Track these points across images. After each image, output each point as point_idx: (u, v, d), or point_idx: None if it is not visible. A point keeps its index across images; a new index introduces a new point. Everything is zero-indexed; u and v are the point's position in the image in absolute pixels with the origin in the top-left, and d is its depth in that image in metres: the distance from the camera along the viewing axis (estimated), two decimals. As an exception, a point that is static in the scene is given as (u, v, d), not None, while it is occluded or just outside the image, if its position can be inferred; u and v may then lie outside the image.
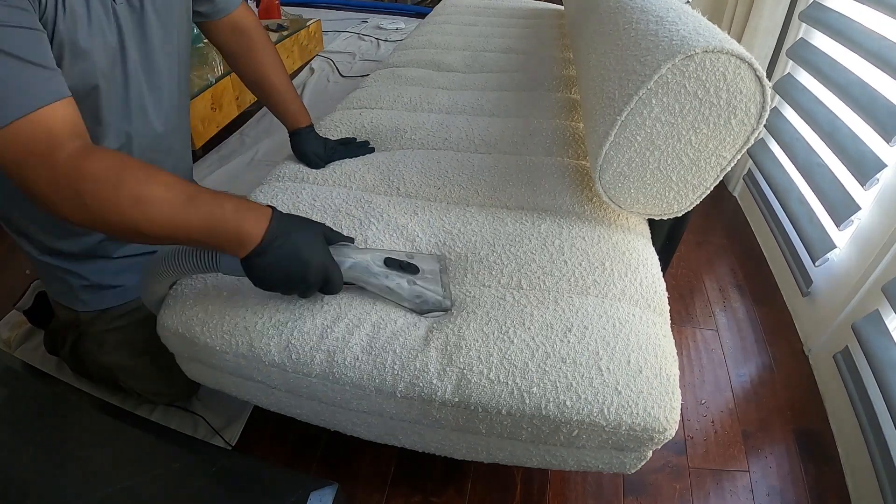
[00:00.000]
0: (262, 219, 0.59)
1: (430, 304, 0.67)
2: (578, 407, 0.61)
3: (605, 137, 0.75)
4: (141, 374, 0.94)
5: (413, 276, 0.68)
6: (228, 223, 0.57)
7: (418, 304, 0.67)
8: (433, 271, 0.70)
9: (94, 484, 0.52)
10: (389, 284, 0.67)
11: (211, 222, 0.57)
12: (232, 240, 0.58)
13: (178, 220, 0.55)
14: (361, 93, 1.32)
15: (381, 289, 0.67)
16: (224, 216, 0.57)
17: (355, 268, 0.66)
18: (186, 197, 0.56)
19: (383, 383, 0.65)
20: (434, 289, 0.68)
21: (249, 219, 0.59)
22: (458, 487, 0.93)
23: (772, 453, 1.02)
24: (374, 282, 0.66)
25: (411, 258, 0.71)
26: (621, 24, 0.88)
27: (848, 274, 1.11)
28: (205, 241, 0.58)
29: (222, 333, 0.70)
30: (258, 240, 0.59)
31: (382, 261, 0.68)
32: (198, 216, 0.56)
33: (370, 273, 0.66)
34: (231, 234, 0.58)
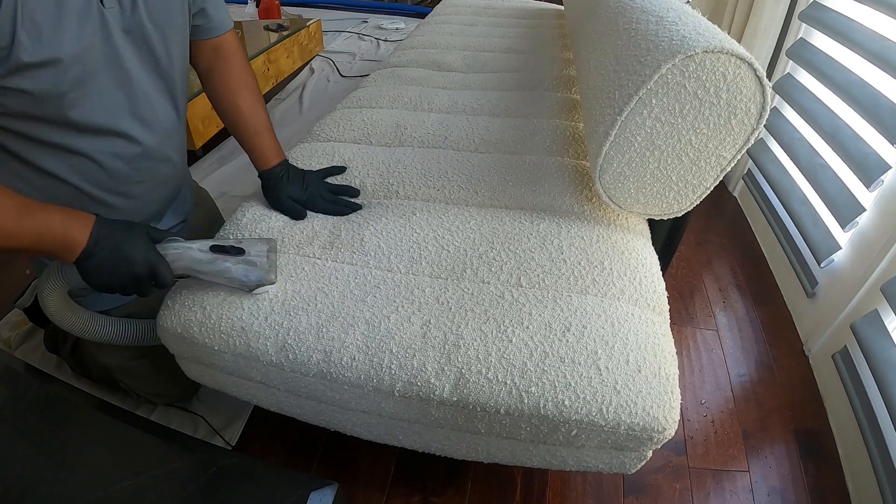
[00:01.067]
0: (87, 225, 0.63)
1: (254, 279, 0.69)
2: (577, 406, 0.61)
3: (605, 137, 0.75)
4: (141, 374, 0.94)
5: (238, 258, 0.70)
6: (56, 231, 0.62)
7: (244, 282, 0.69)
8: (260, 251, 0.73)
9: (94, 484, 0.52)
10: (217, 268, 0.69)
11: (41, 232, 0.61)
12: (60, 246, 0.62)
13: (12, 230, 0.59)
14: (361, 93, 1.32)
15: (209, 275, 0.69)
16: (52, 225, 0.61)
17: (181, 258, 0.68)
18: (17, 209, 0.60)
19: (381, 383, 0.65)
20: (260, 264, 0.71)
21: (75, 226, 0.63)
22: (458, 487, 0.93)
23: (772, 453, 1.02)
24: (202, 269, 0.69)
25: (240, 243, 0.73)
26: (621, 24, 0.88)
27: (848, 274, 1.11)
28: (36, 248, 0.62)
29: (220, 334, 0.70)
30: (83, 243, 0.63)
31: (209, 248, 0.70)
32: (29, 226, 0.60)
33: (196, 261, 0.69)
34: (59, 241, 0.62)
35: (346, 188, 0.93)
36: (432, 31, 1.83)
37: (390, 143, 1.09)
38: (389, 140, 1.10)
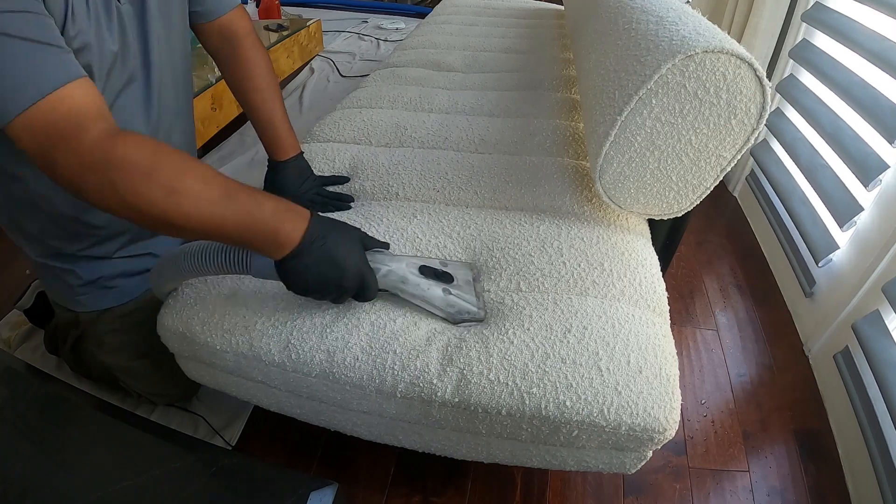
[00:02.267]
0: (301, 220, 0.58)
1: (463, 314, 0.66)
2: (578, 407, 0.61)
3: (605, 137, 0.75)
4: (141, 374, 0.94)
5: (447, 286, 0.67)
6: (267, 223, 0.56)
7: (452, 313, 0.66)
8: (467, 280, 0.69)
9: (94, 484, 0.52)
10: (424, 294, 0.65)
11: (248, 221, 0.55)
12: (269, 240, 0.57)
13: (214, 216, 0.53)
14: (361, 93, 1.32)
15: (415, 297, 0.66)
16: (262, 215, 0.55)
17: (391, 275, 0.64)
18: (223, 192, 0.54)
19: (383, 384, 0.65)
20: (468, 298, 0.67)
21: (288, 220, 0.57)
22: (458, 487, 0.93)
23: (772, 453, 1.02)
24: (408, 290, 0.65)
25: (445, 266, 0.69)
26: (621, 24, 0.88)
27: (848, 274, 1.11)
28: (239, 239, 0.57)
29: (222, 332, 0.70)
30: (296, 242, 0.57)
31: (417, 268, 0.66)
32: (234, 214, 0.54)
33: (405, 281, 0.65)
34: (269, 235, 0.56)
35: (335, 178, 0.94)
36: (432, 31, 1.83)
37: (390, 144, 1.09)
38: (389, 140, 1.10)
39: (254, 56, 0.87)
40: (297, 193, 0.89)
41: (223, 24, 0.85)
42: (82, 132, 0.51)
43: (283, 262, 0.58)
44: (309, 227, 0.58)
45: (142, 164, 0.51)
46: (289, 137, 0.90)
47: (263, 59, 0.88)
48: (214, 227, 0.54)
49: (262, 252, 0.59)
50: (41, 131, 0.50)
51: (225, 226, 0.54)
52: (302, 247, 0.57)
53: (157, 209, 0.52)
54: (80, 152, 0.50)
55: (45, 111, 0.50)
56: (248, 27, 0.88)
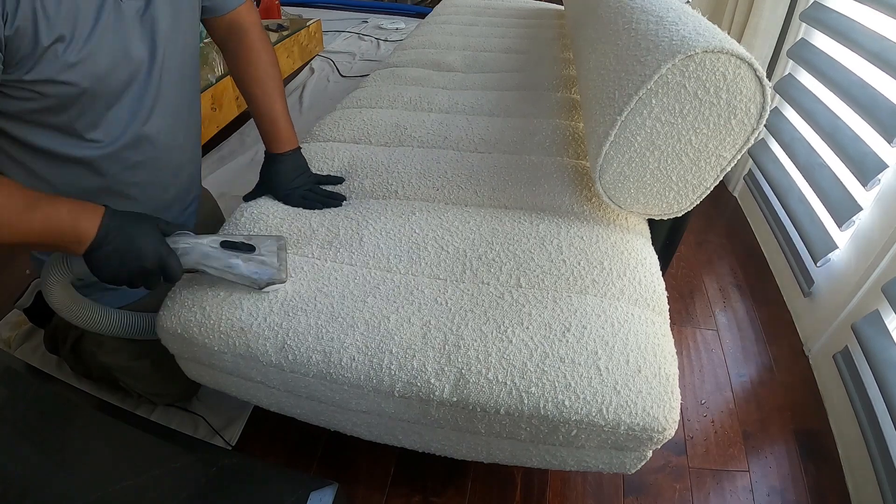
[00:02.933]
0: (96, 216, 0.62)
1: (265, 277, 0.69)
2: (577, 407, 0.61)
3: (605, 137, 0.75)
4: (141, 374, 0.94)
5: (248, 255, 0.70)
6: (64, 223, 0.61)
7: (255, 280, 0.69)
8: (270, 249, 0.72)
9: (94, 484, 0.52)
10: (227, 265, 0.69)
11: (49, 224, 0.60)
12: (69, 238, 0.61)
13: (20, 224, 0.58)
14: (361, 93, 1.32)
15: (219, 270, 0.69)
16: (60, 217, 0.60)
17: (191, 252, 0.68)
18: (26, 203, 0.59)
19: (381, 383, 0.65)
20: (269, 261, 0.70)
21: (84, 217, 0.62)
22: (458, 487, 0.93)
23: (772, 453, 1.02)
24: (212, 264, 0.68)
25: (249, 239, 0.73)
26: (621, 24, 0.88)
27: (848, 274, 1.11)
28: (45, 241, 0.61)
29: (219, 334, 0.70)
30: (92, 235, 0.62)
31: (219, 244, 0.70)
32: (37, 219, 0.59)
33: (206, 256, 0.68)
34: (68, 233, 0.61)
35: (329, 177, 0.95)
36: (432, 31, 1.83)
37: (390, 143, 1.09)
38: (389, 140, 1.10)
39: (258, 48, 0.89)
40: (290, 188, 0.90)
41: (232, 17, 0.87)
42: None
43: (86, 255, 0.63)
44: (103, 220, 0.63)
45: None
46: (287, 131, 0.91)
47: (268, 52, 0.90)
48: (21, 233, 0.59)
49: (67, 250, 0.63)
50: None
51: (31, 232, 0.59)
52: (99, 238, 0.62)
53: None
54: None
55: None
56: (256, 21, 0.90)
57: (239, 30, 0.88)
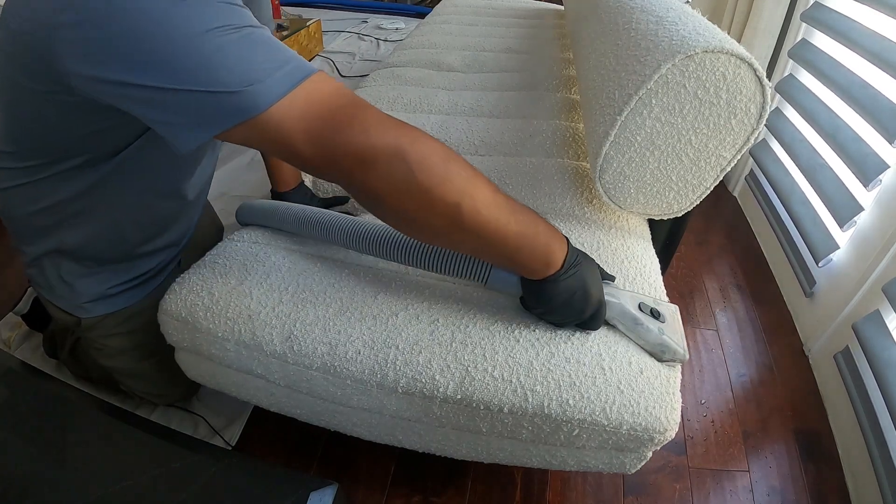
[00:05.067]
0: (563, 244, 0.59)
1: (670, 353, 0.67)
2: (581, 405, 0.61)
3: (605, 137, 0.75)
4: (142, 376, 0.93)
5: (661, 325, 0.68)
6: (540, 242, 0.56)
7: (661, 351, 0.67)
8: (673, 320, 0.70)
9: (94, 484, 0.52)
10: (641, 331, 0.66)
11: (527, 235, 0.55)
12: (540, 259, 0.57)
13: (500, 224, 0.52)
14: (361, 93, 1.32)
15: (631, 332, 0.67)
16: (538, 233, 0.56)
17: (616, 308, 0.66)
18: (509, 204, 0.54)
19: (385, 378, 0.65)
20: (676, 339, 0.68)
21: (556, 241, 0.58)
22: (458, 487, 0.93)
23: (772, 453, 1.02)
24: (628, 325, 0.67)
25: (658, 305, 0.71)
26: (621, 24, 0.88)
27: (848, 274, 1.11)
28: (511, 254, 0.56)
29: (226, 320, 0.70)
30: (560, 264, 0.58)
31: (637, 305, 0.68)
32: (517, 225, 0.54)
33: (625, 315, 0.66)
34: (540, 254, 0.57)
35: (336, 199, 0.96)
36: (432, 31, 1.83)
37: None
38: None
39: None
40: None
41: None
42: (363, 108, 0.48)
43: (541, 283, 0.59)
44: (569, 251, 0.59)
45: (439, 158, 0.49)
46: (292, 169, 0.92)
47: None
48: (497, 236, 0.53)
49: (525, 269, 0.59)
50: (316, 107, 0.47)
51: (507, 237, 0.53)
52: (562, 271, 0.58)
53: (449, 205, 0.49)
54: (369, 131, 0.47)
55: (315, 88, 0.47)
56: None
57: None
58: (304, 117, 0.47)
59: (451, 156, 0.51)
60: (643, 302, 0.69)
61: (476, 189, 0.51)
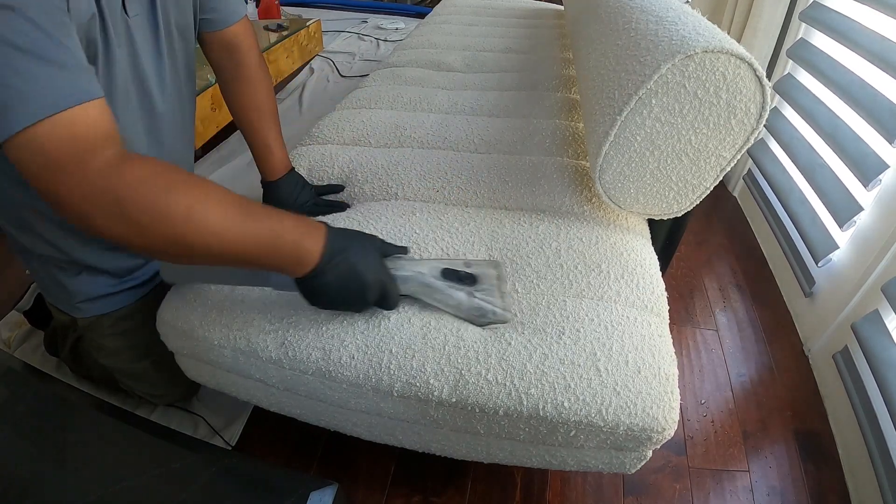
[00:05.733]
0: (319, 235, 0.57)
1: (488, 315, 0.66)
2: (576, 408, 0.61)
3: (604, 137, 0.75)
4: (141, 376, 0.94)
5: (471, 288, 0.66)
6: (286, 240, 0.54)
7: (477, 316, 0.66)
8: (491, 280, 0.69)
9: (94, 484, 0.52)
10: (447, 298, 0.65)
11: (269, 241, 0.53)
12: (291, 260, 0.55)
13: (235, 239, 0.51)
14: (361, 93, 1.32)
15: (438, 302, 0.66)
16: (283, 235, 0.54)
17: (412, 281, 0.64)
18: (243, 214, 0.52)
19: (380, 382, 0.65)
20: (492, 300, 0.66)
21: (308, 236, 0.56)
22: (458, 487, 0.93)
23: (772, 453, 1.02)
24: (432, 295, 0.65)
25: (469, 266, 0.68)
26: (621, 24, 0.88)
27: (848, 274, 1.11)
28: (259, 261, 0.55)
29: (220, 327, 0.70)
30: (317, 259, 0.56)
31: (440, 272, 0.66)
32: (256, 235, 0.52)
33: (426, 286, 0.65)
34: (289, 253, 0.55)
35: (330, 186, 0.95)
36: (432, 31, 1.83)
37: (389, 145, 1.09)
38: (389, 141, 1.10)
39: (256, 75, 0.87)
40: (295, 207, 0.90)
41: (228, 35, 0.84)
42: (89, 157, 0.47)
43: (305, 279, 0.58)
44: (327, 242, 0.57)
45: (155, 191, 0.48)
46: (281, 157, 0.90)
47: (266, 76, 0.88)
48: (235, 249, 0.52)
49: (282, 272, 0.57)
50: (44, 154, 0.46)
51: (246, 248, 0.52)
52: (322, 264, 0.57)
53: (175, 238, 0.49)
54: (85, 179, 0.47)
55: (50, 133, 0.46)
56: (253, 43, 0.87)
57: (236, 51, 0.85)
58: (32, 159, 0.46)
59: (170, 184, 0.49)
60: (449, 268, 0.66)
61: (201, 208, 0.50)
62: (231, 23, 0.83)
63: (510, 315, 0.67)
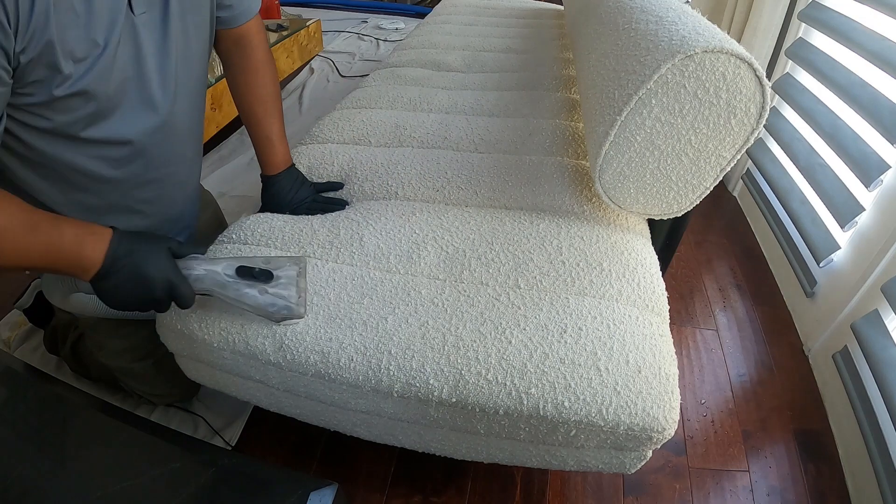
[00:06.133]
0: (102, 242, 0.59)
1: (282, 312, 0.67)
2: (577, 408, 0.61)
3: (604, 137, 0.75)
4: (142, 376, 0.94)
5: (265, 285, 0.67)
6: (67, 251, 0.57)
7: (271, 312, 0.66)
8: (289, 276, 0.69)
9: (94, 484, 0.52)
10: (240, 296, 0.66)
11: (51, 251, 0.57)
12: (74, 266, 0.59)
13: (19, 249, 0.55)
14: (361, 93, 1.32)
15: (231, 299, 0.66)
16: (62, 244, 0.57)
17: (204, 279, 0.65)
18: (27, 226, 0.56)
19: (379, 383, 0.65)
20: (288, 295, 0.67)
21: (88, 243, 0.59)
22: (458, 487, 0.93)
23: (772, 453, 1.02)
24: (224, 293, 0.66)
25: (267, 263, 0.70)
26: (621, 24, 0.88)
27: (847, 274, 1.11)
28: (48, 268, 0.59)
29: (219, 330, 0.70)
30: (99, 264, 0.59)
31: (234, 270, 0.67)
32: (38, 245, 0.56)
33: (220, 284, 0.65)
34: (72, 261, 0.58)
35: (329, 184, 0.95)
36: (432, 31, 1.83)
37: (389, 144, 1.09)
38: (389, 141, 1.10)
39: (263, 68, 0.87)
40: (294, 203, 0.90)
41: (241, 32, 0.85)
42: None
43: (93, 283, 0.60)
44: (110, 247, 0.60)
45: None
46: (283, 152, 0.90)
47: (272, 71, 0.89)
48: (23, 259, 0.56)
49: (73, 276, 0.60)
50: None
51: (30, 257, 0.56)
52: (105, 267, 0.59)
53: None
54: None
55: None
56: (263, 38, 0.88)
57: (247, 46, 0.86)
58: None
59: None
60: (244, 265, 0.67)
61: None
62: (245, 20, 0.84)
63: (303, 310, 0.68)
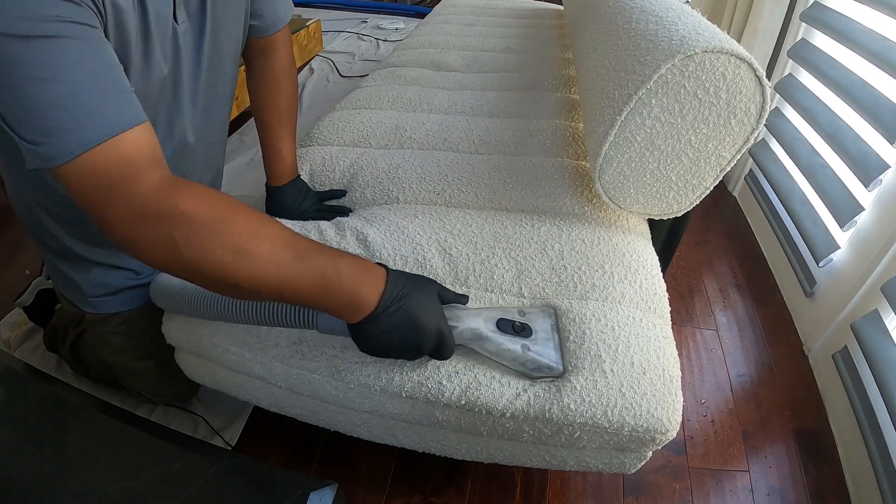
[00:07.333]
0: (379, 281, 0.55)
1: (543, 370, 0.64)
2: (583, 409, 0.61)
3: (604, 137, 0.75)
4: (144, 374, 0.93)
5: (526, 341, 0.64)
6: (343, 287, 0.52)
7: (531, 370, 0.64)
8: (546, 330, 0.67)
9: (94, 484, 0.52)
10: (501, 352, 0.63)
11: (323, 284, 0.51)
12: (346, 304, 0.53)
13: (285, 279, 0.50)
14: (361, 93, 1.32)
15: (492, 354, 0.64)
16: (339, 278, 0.52)
17: (467, 332, 0.63)
18: (295, 253, 0.50)
19: (390, 383, 0.65)
20: (547, 353, 0.64)
21: (365, 282, 0.53)
22: (458, 487, 0.93)
23: (772, 453, 1.02)
24: (485, 347, 0.64)
25: (523, 316, 0.67)
26: (621, 24, 0.88)
27: (847, 274, 1.11)
28: (311, 303, 0.54)
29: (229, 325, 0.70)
30: (374, 305, 0.53)
31: (495, 323, 0.64)
32: (308, 275, 0.51)
33: (482, 339, 0.63)
34: (346, 299, 0.52)
35: (332, 192, 0.95)
36: (432, 31, 1.83)
37: (390, 146, 1.09)
38: (389, 142, 1.09)
39: (284, 80, 0.87)
40: (299, 213, 0.90)
41: (269, 40, 0.85)
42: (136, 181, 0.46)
43: (359, 326, 0.55)
44: (386, 287, 0.55)
45: (206, 219, 0.47)
46: (291, 164, 0.90)
47: (293, 82, 0.89)
48: (286, 290, 0.50)
49: (335, 315, 0.55)
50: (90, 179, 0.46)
51: (298, 289, 0.51)
52: (379, 310, 0.54)
53: (222, 270, 0.48)
54: (132, 203, 0.46)
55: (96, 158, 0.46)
56: (289, 49, 0.88)
57: (272, 54, 0.85)
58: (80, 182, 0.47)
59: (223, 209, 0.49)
60: (504, 318, 0.65)
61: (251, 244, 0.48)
62: (275, 31, 0.83)
63: (562, 368, 0.64)
